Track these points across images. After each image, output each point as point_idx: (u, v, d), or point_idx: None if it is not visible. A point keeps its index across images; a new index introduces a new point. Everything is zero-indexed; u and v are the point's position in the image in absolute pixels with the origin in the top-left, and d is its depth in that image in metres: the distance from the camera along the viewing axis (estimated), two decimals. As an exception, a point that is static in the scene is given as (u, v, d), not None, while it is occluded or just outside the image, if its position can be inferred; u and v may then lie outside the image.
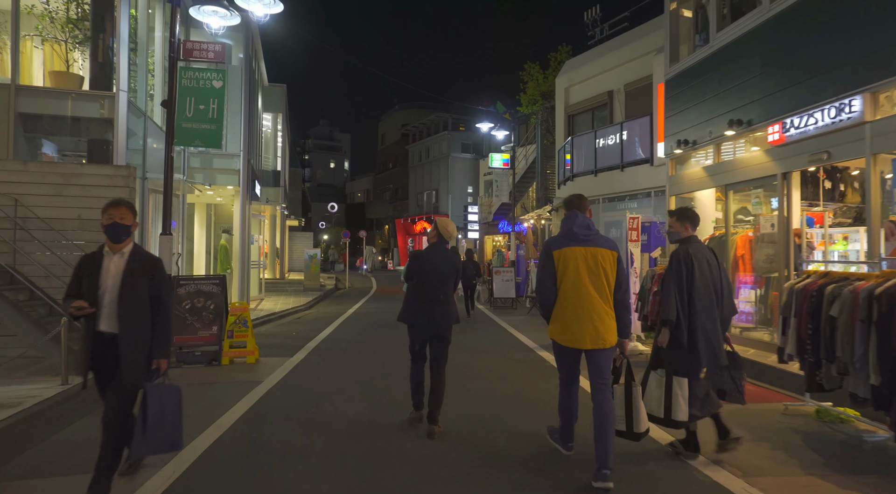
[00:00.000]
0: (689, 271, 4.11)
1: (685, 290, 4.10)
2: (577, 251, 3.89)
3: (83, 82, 8.96)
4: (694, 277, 4.10)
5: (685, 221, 4.33)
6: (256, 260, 17.54)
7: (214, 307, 7.90)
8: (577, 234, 3.93)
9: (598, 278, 3.87)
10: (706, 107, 8.46)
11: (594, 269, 3.87)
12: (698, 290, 4.09)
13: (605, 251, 3.91)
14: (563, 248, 3.93)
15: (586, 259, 3.87)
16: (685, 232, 4.31)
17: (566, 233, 3.99)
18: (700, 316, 4.08)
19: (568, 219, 4.05)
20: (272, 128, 25.29)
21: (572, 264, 3.88)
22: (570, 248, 3.91)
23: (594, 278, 3.87)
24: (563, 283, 3.91)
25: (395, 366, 7.41)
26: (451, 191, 41.72)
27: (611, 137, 13.66)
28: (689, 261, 4.13)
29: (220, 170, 13.85)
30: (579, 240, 3.92)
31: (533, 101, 20.87)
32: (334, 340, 10.04)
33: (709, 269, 4.18)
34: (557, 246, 3.97)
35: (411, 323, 4.91)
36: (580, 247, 3.89)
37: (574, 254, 3.89)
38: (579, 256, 3.88)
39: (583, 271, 3.86)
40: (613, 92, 14.84)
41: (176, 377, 7.00)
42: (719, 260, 4.33)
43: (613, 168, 13.52)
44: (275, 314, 13.81)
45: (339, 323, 12.61)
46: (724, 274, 4.29)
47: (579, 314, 3.84)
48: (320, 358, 8.21)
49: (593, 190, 14.27)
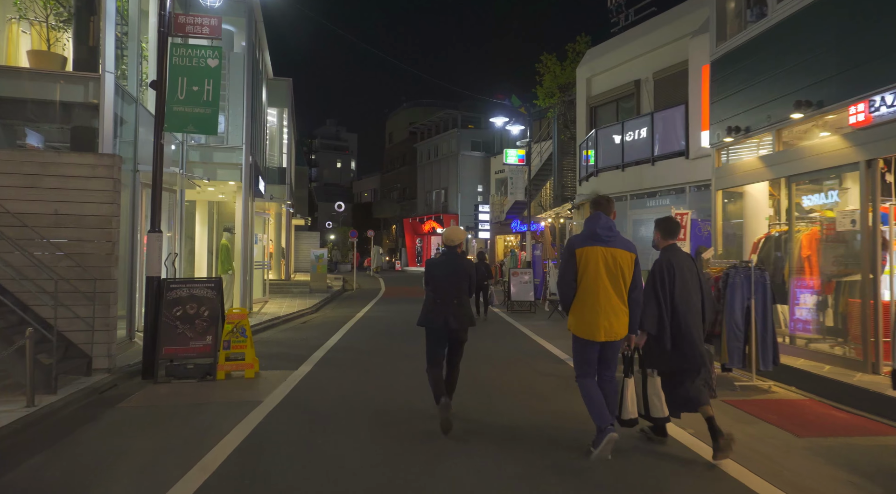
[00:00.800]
0: (671, 278, 4.36)
1: (668, 296, 4.34)
2: (598, 251, 4.13)
3: (66, 63, 8.09)
4: (675, 283, 4.35)
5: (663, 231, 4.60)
6: (260, 261, 16.67)
7: (209, 314, 6.99)
8: (600, 235, 4.16)
9: (615, 277, 4.14)
10: (763, 88, 7.49)
11: (613, 269, 4.13)
12: (680, 295, 4.34)
13: (624, 252, 4.18)
14: (585, 247, 4.17)
15: (606, 259, 4.13)
16: (664, 242, 4.58)
17: (590, 233, 4.21)
18: (684, 319, 4.32)
19: (592, 220, 4.28)
20: (277, 123, 24.44)
21: (593, 263, 4.13)
22: (592, 248, 4.15)
23: (612, 277, 4.13)
24: (583, 280, 4.17)
25: (413, 381, 6.49)
26: (461, 189, 40.78)
27: (640, 129, 12.70)
28: (671, 270, 4.37)
29: (220, 165, 12.97)
30: (602, 240, 4.15)
31: (550, 94, 19.92)
32: (343, 349, 9.12)
33: (689, 274, 4.43)
34: (581, 244, 4.20)
35: (429, 327, 5.10)
36: (602, 248, 4.14)
37: (595, 254, 4.13)
38: (600, 256, 4.13)
39: (602, 270, 4.12)
40: (641, 81, 13.87)
41: (165, 395, 6.13)
42: (699, 267, 4.62)
43: (643, 162, 12.56)
44: (279, 318, 12.92)
45: (348, 328, 11.70)
46: (704, 280, 4.58)
47: (596, 309, 4.12)
48: (328, 372, 7.30)
49: (619, 186, 13.31)
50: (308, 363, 7.82)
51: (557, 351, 8.83)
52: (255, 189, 14.69)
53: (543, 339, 10.07)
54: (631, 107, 14.44)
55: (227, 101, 13.05)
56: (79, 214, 6.70)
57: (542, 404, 5.79)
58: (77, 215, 6.70)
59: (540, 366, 7.74)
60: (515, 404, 5.80)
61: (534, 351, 8.96)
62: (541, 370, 7.48)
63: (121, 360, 7.32)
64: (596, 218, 4.27)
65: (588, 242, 4.20)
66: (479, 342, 9.77)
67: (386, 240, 52.72)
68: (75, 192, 6.70)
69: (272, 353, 8.66)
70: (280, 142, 24.30)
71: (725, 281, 6.38)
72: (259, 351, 8.70)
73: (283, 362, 7.92)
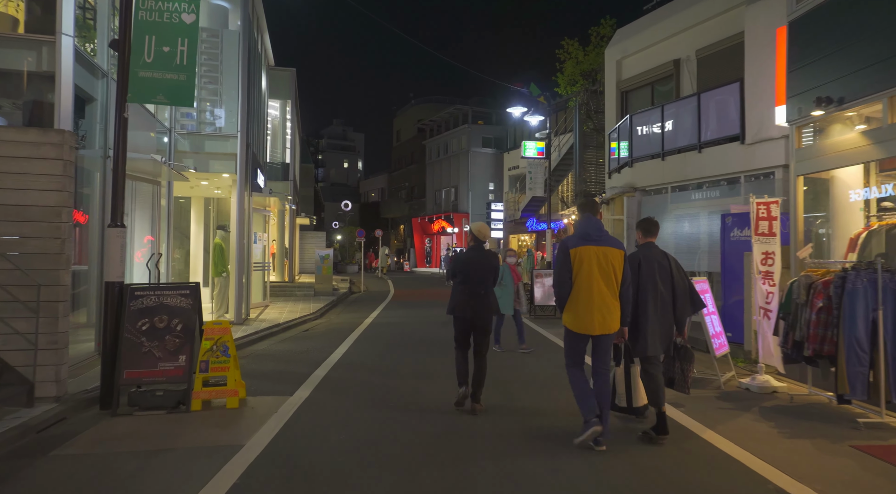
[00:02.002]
0: (636, 271, 4.66)
1: (634, 288, 4.61)
2: (590, 250, 4.38)
3: (18, 25, 6.76)
4: (640, 277, 4.65)
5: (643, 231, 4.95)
6: (260, 262, 15.33)
7: (183, 327, 5.62)
8: (591, 235, 4.42)
9: (607, 274, 4.38)
10: (868, 45, 6.05)
11: (605, 267, 4.37)
12: (644, 288, 4.65)
13: (614, 250, 4.42)
14: (578, 247, 4.40)
15: (598, 257, 4.37)
16: (643, 239, 4.89)
17: (582, 234, 4.46)
18: (649, 309, 4.61)
19: (583, 221, 4.54)
20: (280, 116, 23.13)
21: (586, 261, 4.37)
22: (585, 247, 4.39)
23: (604, 274, 4.37)
24: (577, 278, 4.39)
25: (441, 421, 5.11)
26: (472, 187, 39.37)
27: (683, 113, 11.26)
28: (640, 264, 4.69)
29: (213, 155, 11.64)
30: (593, 240, 4.40)
31: (572, 82, 18.49)
32: (349, 366, 7.74)
33: (659, 269, 4.70)
34: (574, 244, 4.42)
35: (457, 316, 5.47)
36: (594, 247, 4.38)
37: (588, 253, 4.38)
38: (593, 255, 4.37)
39: (595, 268, 4.36)
40: (681, 60, 12.42)
41: (120, 434, 4.72)
42: (673, 263, 4.81)
43: (687, 149, 11.11)
44: (278, 325, 11.57)
45: (356, 338, 10.33)
46: (679, 274, 4.79)
47: (590, 304, 4.34)
48: (330, 401, 5.91)
49: (658, 177, 11.86)
50: (306, 386, 6.44)
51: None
52: (253, 183, 13.35)
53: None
54: (668, 91, 12.99)
55: (221, 85, 11.73)
56: (17, 204, 5.36)
57: (617, 460, 4.37)
58: (15, 205, 5.36)
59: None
60: (587, 460, 4.38)
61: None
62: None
63: (81, 383, 5.98)
64: (587, 219, 4.56)
65: (581, 242, 4.43)
66: (514, 358, 8.36)
67: (394, 240, 51.37)
68: (13, 177, 5.36)
69: (265, 371, 7.30)
70: (283, 137, 22.99)
71: (840, 287, 4.95)
72: (250, 369, 7.35)
73: (276, 384, 6.55)
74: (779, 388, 6.11)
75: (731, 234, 8.50)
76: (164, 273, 11.09)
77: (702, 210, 10.87)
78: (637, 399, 4.68)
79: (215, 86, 11.69)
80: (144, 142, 9.43)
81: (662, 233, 11.77)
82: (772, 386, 6.10)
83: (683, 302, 4.78)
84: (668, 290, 4.71)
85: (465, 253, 5.63)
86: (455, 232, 39.52)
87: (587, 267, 4.35)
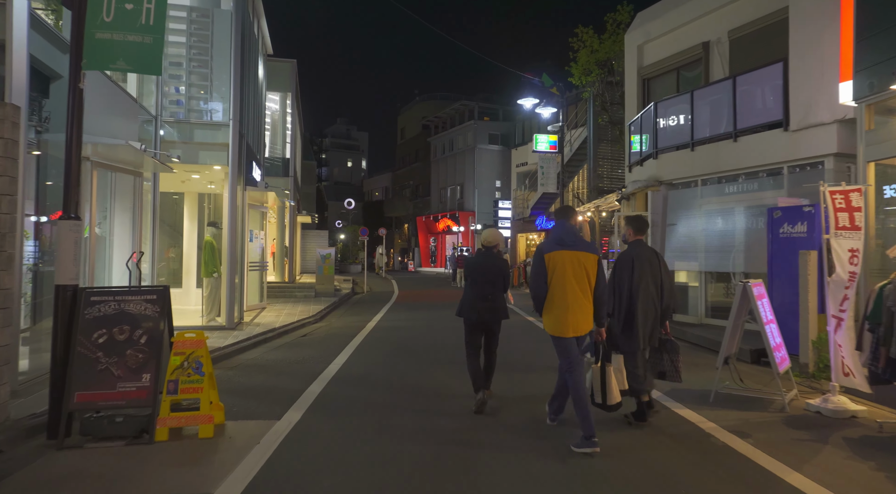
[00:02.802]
0: (630, 269, 4.94)
1: (626, 285, 4.92)
2: (564, 255, 4.50)
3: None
4: (634, 275, 4.92)
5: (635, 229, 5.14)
6: (258, 262, 14.42)
7: (148, 340, 4.69)
8: (566, 240, 4.55)
9: (581, 278, 4.50)
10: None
11: (578, 271, 4.49)
12: (638, 285, 4.90)
13: (588, 254, 4.54)
14: (553, 252, 4.52)
15: (572, 261, 4.49)
16: (631, 236, 5.14)
17: (556, 239, 4.59)
18: (641, 305, 4.88)
19: (557, 227, 4.69)
20: (280, 109, 22.23)
21: (560, 266, 4.49)
22: (559, 252, 4.51)
23: (578, 278, 4.49)
24: (552, 281, 4.51)
25: (452, 447, 4.16)
26: (478, 185, 38.42)
27: (715, 98, 10.28)
28: (633, 262, 4.96)
29: (203, 145, 10.72)
30: (567, 245, 4.52)
31: (587, 72, 17.48)
32: (348, 379, 6.80)
33: (650, 267, 4.97)
34: (549, 249, 4.56)
35: (467, 318, 5.58)
36: (567, 251, 4.50)
37: (562, 258, 4.50)
38: (566, 259, 4.49)
39: (569, 272, 4.48)
40: (710, 43, 11.44)
41: (60, 476, 3.63)
42: (661, 259, 5.09)
43: (720, 138, 10.13)
44: (274, 330, 10.65)
45: (358, 344, 9.39)
46: (665, 271, 5.05)
47: (565, 307, 4.46)
48: (325, 425, 4.97)
49: (686, 169, 10.89)
50: (297, 406, 5.50)
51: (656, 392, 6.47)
52: (248, 176, 12.45)
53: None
54: (696, 77, 12.01)
55: (212, 70, 10.80)
56: (-54, 191, 4.44)
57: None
58: (-57, 192, 4.44)
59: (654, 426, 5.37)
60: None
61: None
62: (664, 430, 5.11)
63: (32, 405, 5.05)
64: (560, 225, 4.67)
65: (556, 247, 4.52)
66: (545, 374, 7.41)
67: (398, 239, 50.45)
68: (-59, 158, 4.44)
69: (252, 387, 6.36)
70: (283, 131, 22.08)
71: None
72: (236, 383, 6.42)
73: (263, 403, 5.61)
74: (857, 413, 5.14)
75: (781, 230, 7.53)
76: (149, 273, 10.19)
77: (737, 204, 9.89)
78: (610, 397, 4.71)
79: (205, 70, 10.77)
80: (123, 129, 8.52)
81: (691, 231, 10.83)
82: (849, 410, 5.13)
83: (668, 298, 5.04)
84: (656, 287, 4.98)
85: (474, 257, 5.80)
86: (461, 230, 38.53)
87: (560, 270, 4.49)
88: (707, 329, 9.91)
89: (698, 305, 10.63)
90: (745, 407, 5.53)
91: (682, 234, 10.98)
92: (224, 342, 8.90)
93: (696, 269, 10.72)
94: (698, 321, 10.56)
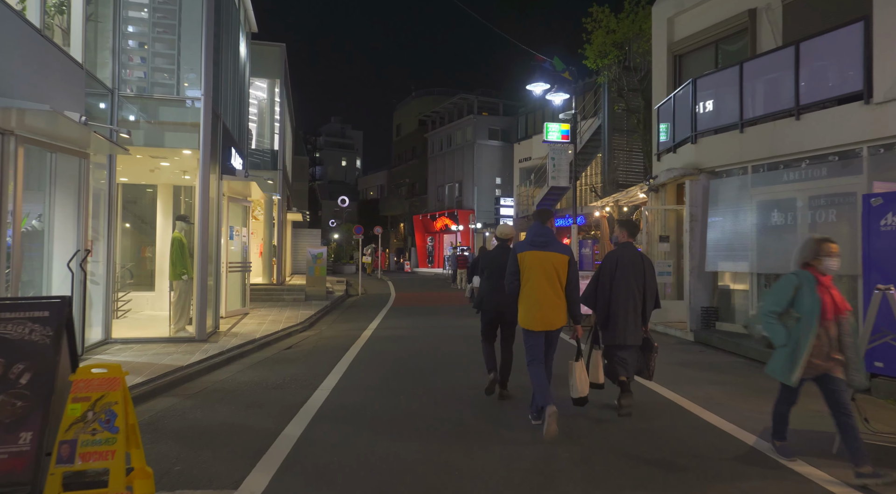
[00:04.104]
0: (612, 269, 5.28)
1: (608, 283, 5.27)
2: (536, 255, 4.80)
3: None
4: (616, 274, 5.24)
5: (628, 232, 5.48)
6: (240, 262, 12.84)
7: (31, 380, 3.12)
8: (537, 242, 4.84)
9: (550, 277, 4.78)
10: None
11: (548, 270, 4.77)
12: (618, 283, 5.23)
13: (558, 255, 4.81)
14: (525, 252, 4.84)
15: (542, 261, 4.78)
16: (623, 238, 5.45)
17: (530, 240, 4.89)
18: (620, 303, 5.20)
19: (533, 228, 4.97)
20: (268, 98, 20.63)
21: (529, 264, 4.80)
22: (531, 252, 4.82)
23: (547, 277, 4.77)
24: (524, 279, 4.84)
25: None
26: (478, 182, 36.88)
27: (773, 70, 8.77)
28: (615, 262, 5.30)
29: (169, 126, 9.14)
30: (539, 245, 4.82)
31: (602, 54, 15.97)
32: (339, 416, 5.22)
33: (632, 268, 5.26)
34: (522, 250, 4.88)
35: (484, 309, 5.88)
36: (539, 252, 4.80)
37: (534, 257, 4.80)
38: (537, 259, 4.79)
39: (539, 271, 4.77)
40: (758, 10, 9.95)
41: None
42: (646, 263, 5.35)
43: (778, 116, 8.63)
44: (253, 342, 9.08)
45: (350, 361, 7.83)
46: (649, 274, 5.32)
47: (534, 304, 4.78)
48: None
49: (733, 154, 9.38)
50: (264, 465, 3.92)
51: (731, 428, 4.94)
52: (226, 164, 10.86)
53: (681, 397, 6.17)
54: (740, 50, 10.52)
55: (179, 36, 9.23)
56: None
57: None
58: None
59: (729, 477, 3.84)
60: None
61: (693, 437, 5.07)
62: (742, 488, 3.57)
63: None
64: (536, 227, 4.96)
65: (528, 247, 4.84)
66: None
67: (394, 238, 48.85)
68: None
69: (210, 427, 4.79)
70: (271, 121, 20.48)
71: None
72: (189, 422, 4.84)
73: (218, 458, 4.04)
74: None
75: (882, 223, 6.01)
76: (103, 276, 8.60)
77: (798, 194, 8.38)
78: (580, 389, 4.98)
79: (172, 37, 9.20)
80: (64, 99, 6.93)
81: (738, 226, 9.33)
82: None
83: (650, 299, 5.31)
84: (639, 288, 5.24)
85: (491, 252, 6.02)
86: (460, 229, 36.96)
87: (530, 270, 4.78)
88: (761, 340, 8.41)
89: (749, 312, 9.13)
90: (885, 460, 4.00)
91: (727, 230, 9.48)
92: (188, 359, 7.34)
93: (745, 270, 9.22)
94: (749, 331, 9.05)
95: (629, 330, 5.19)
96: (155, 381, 6.24)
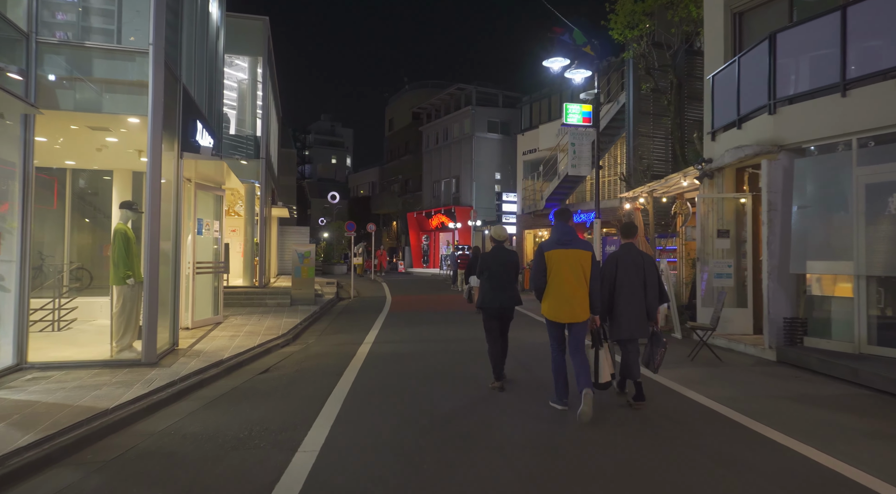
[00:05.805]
0: (613, 268, 5.52)
1: (610, 282, 5.50)
2: (562, 253, 5.16)
3: None
4: (617, 273, 5.49)
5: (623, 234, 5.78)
6: (209, 262, 10.74)
7: None
8: (563, 240, 5.19)
9: (577, 272, 5.14)
10: None
11: (574, 266, 5.14)
12: (621, 281, 5.46)
13: (582, 252, 5.19)
14: (552, 250, 5.19)
15: (568, 258, 5.15)
16: (623, 240, 5.73)
17: (556, 239, 5.23)
18: (623, 300, 5.44)
19: (557, 228, 5.31)
20: (249, 78, 18.48)
21: (557, 262, 5.15)
22: (557, 250, 5.17)
23: (574, 272, 5.13)
24: (551, 275, 5.19)
25: None
26: (476, 177, 34.86)
27: (887, 14, 6.81)
28: (615, 262, 5.53)
29: (108, 84, 7.04)
30: (564, 244, 5.18)
31: (630, 25, 13.99)
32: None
33: (633, 267, 5.49)
34: (549, 248, 5.22)
35: (486, 307, 6.09)
36: (565, 250, 5.16)
37: (560, 255, 5.16)
38: (563, 256, 5.15)
39: (565, 267, 5.14)
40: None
41: None
42: (646, 261, 5.54)
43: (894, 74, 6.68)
44: (220, 364, 7.01)
45: (346, 393, 5.76)
46: (649, 271, 5.50)
47: (561, 298, 5.15)
48: None
49: (833, 124, 7.43)
50: None
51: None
52: (189, 140, 8.71)
53: (814, 449, 4.17)
54: (820, 1, 8.56)
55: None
56: None
57: None
58: None
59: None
60: None
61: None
62: None
63: None
64: (561, 226, 5.29)
65: (555, 246, 5.19)
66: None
67: (386, 237, 46.70)
68: None
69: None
70: (253, 104, 18.32)
71: None
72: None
73: None
74: None
75: None
76: (14, 279, 6.47)
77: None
78: (601, 376, 5.32)
79: (111, -33, 7.09)
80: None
81: (837, 216, 7.37)
82: None
83: (653, 294, 5.50)
84: (640, 285, 5.47)
85: (490, 253, 6.23)
86: (457, 227, 34.89)
87: (557, 266, 5.14)
88: (877, 363, 6.47)
89: (854, 326, 7.15)
90: None
91: (822, 221, 7.52)
92: (122, 395, 5.25)
93: (847, 272, 7.25)
94: (855, 349, 7.09)
95: (635, 325, 5.43)
96: (53, 440, 4.15)
